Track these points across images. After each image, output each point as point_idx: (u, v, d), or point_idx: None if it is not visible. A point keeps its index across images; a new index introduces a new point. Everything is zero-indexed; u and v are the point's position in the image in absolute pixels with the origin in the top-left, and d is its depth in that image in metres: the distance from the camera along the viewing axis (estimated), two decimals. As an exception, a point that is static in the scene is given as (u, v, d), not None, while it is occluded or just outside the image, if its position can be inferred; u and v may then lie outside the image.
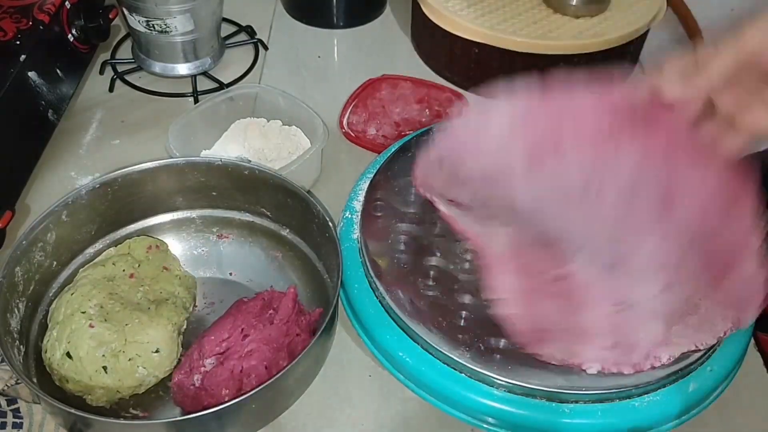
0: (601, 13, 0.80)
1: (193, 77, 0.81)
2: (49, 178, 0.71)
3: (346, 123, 0.77)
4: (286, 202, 0.60)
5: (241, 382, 0.51)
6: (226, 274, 0.63)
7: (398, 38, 0.92)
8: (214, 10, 0.79)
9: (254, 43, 0.88)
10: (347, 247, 0.60)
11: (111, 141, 0.76)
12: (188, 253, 0.64)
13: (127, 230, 0.63)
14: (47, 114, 0.72)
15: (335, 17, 0.92)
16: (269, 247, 0.64)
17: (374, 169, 0.65)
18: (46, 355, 0.53)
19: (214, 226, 0.65)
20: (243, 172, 0.61)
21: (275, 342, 0.52)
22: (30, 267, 0.55)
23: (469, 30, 0.78)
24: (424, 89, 0.81)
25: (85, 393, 0.53)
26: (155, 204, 0.63)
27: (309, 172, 0.70)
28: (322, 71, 0.87)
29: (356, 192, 0.64)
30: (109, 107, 0.80)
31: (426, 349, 0.53)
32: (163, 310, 0.56)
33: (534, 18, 0.79)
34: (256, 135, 0.70)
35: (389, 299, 0.54)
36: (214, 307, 0.61)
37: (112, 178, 0.59)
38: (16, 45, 0.67)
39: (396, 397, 0.55)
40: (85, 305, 0.54)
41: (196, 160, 0.62)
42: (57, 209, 0.56)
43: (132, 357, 0.53)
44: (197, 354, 0.53)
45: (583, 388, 0.49)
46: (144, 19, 0.76)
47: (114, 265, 0.58)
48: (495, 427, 0.52)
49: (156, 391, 0.55)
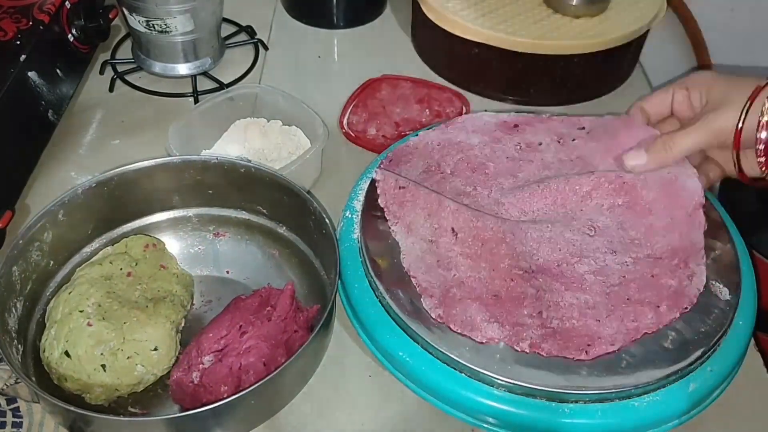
0: (601, 13, 0.80)
1: (193, 77, 0.81)
2: (49, 178, 0.71)
3: (346, 123, 0.77)
4: (282, 199, 0.60)
5: (240, 379, 0.51)
6: (223, 272, 0.63)
7: (398, 38, 0.92)
8: (214, 10, 0.79)
9: (254, 43, 0.88)
10: (347, 246, 0.60)
11: (111, 141, 0.76)
12: (185, 252, 0.64)
13: (123, 229, 0.63)
14: (47, 114, 0.72)
15: (335, 17, 0.92)
16: (266, 244, 0.64)
17: (374, 169, 0.65)
18: (45, 354, 0.53)
19: (211, 224, 0.65)
20: (239, 171, 0.61)
21: (273, 339, 0.52)
22: (27, 266, 0.55)
23: (469, 30, 0.78)
24: (424, 89, 0.81)
25: (83, 391, 0.52)
26: (152, 202, 0.63)
27: (309, 172, 0.70)
28: (322, 71, 0.87)
29: (356, 192, 0.64)
30: (109, 107, 0.80)
31: (426, 348, 0.52)
32: (161, 308, 0.56)
33: (534, 18, 0.79)
34: (256, 135, 0.70)
35: (389, 299, 0.54)
36: (212, 305, 0.61)
37: (108, 176, 0.59)
38: (16, 45, 0.67)
39: (396, 397, 0.55)
40: (83, 304, 0.54)
41: (193, 159, 0.62)
42: (53, 208, 0.56)
43: (130, 355, 0.53)
44: (195, 351, 0.52)
45: (583, 388, 0.49)
46: (144, 19, 0.76)
47: (111, 263, 0.58)
48: (495, 427, 0.51)
49: (155, 389, 0.55)
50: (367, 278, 0.57)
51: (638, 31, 0.79)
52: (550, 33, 0.77)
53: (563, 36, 0.77)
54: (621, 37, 0.77)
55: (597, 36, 0.77)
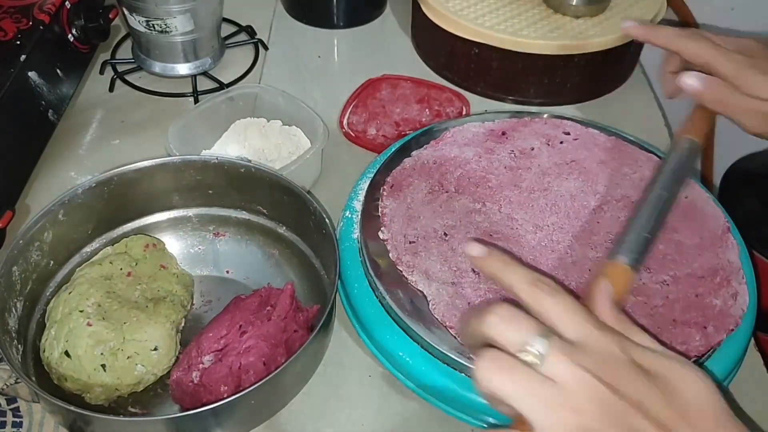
0: (601, 13, 0.80)
1: (193, 77, 0.81)
2: (49, 177, 0.71)
3: (346, 123, 0.77)
4: (282, 199, 0.60)
5: (240, 379, 0.51)
6: (223, 272, 0.63)
7: (398, 38, 0.92)
8: (214, 10, 0.79)
9: (254, 43, 0.88)
10: (347, 246, 0.60)
11: (111, 141, 0.76)
12: (185, 252, 0.64)
13: (123, 229, 0.63)
14: (47, 114, 0.72)
15: (335, 17, 0.92)
16: (266, 244, 0.64)
17: (374, 169, 0.65)
18: (45, 354, 0.53)
19: (211, 224, 0.65)
20: (239, 170, 0.61)
21: (273, 338, 0.52)
22: (27, 266, 0.55)
23: (469, 30, 0.78)
24: (424, 89, 0.81)
25: (83, 391, 0.52)
26: (152, 202, 0.63)
27: (309, 172, 0.70)
28: (322, 71, 0.87)
29: (356, 192, 0.64)
30: (109, 107, 0.80)
31: (426, 348, 0.52)
32: (161, 308, 0.56)
33: (534, 18, 0.79)
34: (256, 135, 0.70)
35: (389, 299, 0.54)
36: (212, 305, 0.61)
37: (108, 176, 0.59)
38: (16, 45, 0.67)
39: (396, 397, 0.55)
40: (83, 304, 0.54)
41: (192, 159, 0.62)
42: (53, 208, 0.56)
43: (130, 355, 0.53)
44: (195, 351, 0.52)
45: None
46: (144, 19, 0.76)
47: (111, 263, 0.58)
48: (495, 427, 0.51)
49: (155, 389, 0.55)
50: (367, 278, 0.57)
51: (638, 31, 0.79)
52: (550, 33, 0.77)
53: (563, 36, 0.77)
54: (621, 37, 0.77)
55: (597, 36, 0.77)
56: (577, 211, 0.60)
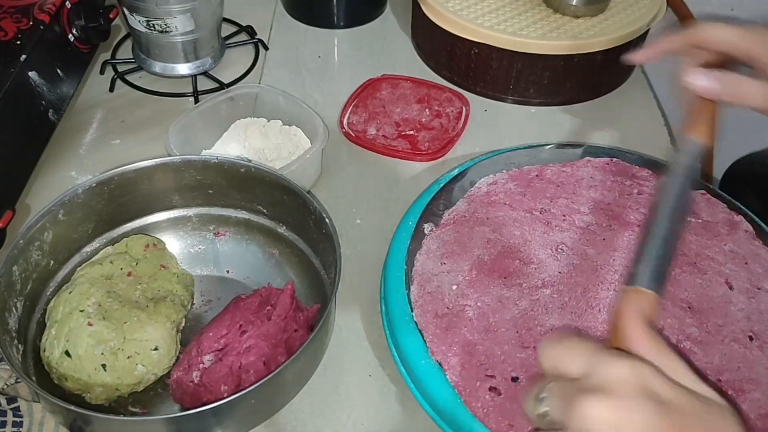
0: (601, 13, 0.80)
1: (193, 77, 0.81)
2: (49, 177, 0.71)
3: (346, 123, 0.77)
4: (282, 199, 0.60)
5: (240, 378, 0.51)
6: (223, 271, 0.63)
7: (398, 38, 0.92)
8: (214, 10, 0.80)
9: (254, 43, 0.88)
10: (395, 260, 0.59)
11: (111, 141, 0.76)
12: (185, 251, 0.64)
13: (124, 229, 0.63)
14: (47, 114, 0.72)
15: (335, 17, 0.92)
16: (266, 244, 0.64)
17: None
18: (45, 353, 0.53)
19: (211, 224, 0.65)
20: (239, 170, 0.61)
21: (273, 338, 0.52)
22: (27, 266, 0.55)
23: (469, 30, 0.78)
24: (424, 89, 0.81)
25: (84, 391, 0.53)
26: (152, 202, 0.63)
27: (309, 172, 0.70)
28: (322, 71, 0.87)
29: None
30: (109, 107, 0.80)
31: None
32: (162, 307, 0.56)
33: (534, 18, 0.79)
34: (257, 135, 0.70)
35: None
36: (212, 305, 0.61)
37: (108, 176, 0.59)
38: (16, 45, 0.67)
39: (396, 397, 0.55)
40: (84, 303, 0.54)
41: (193, 158, 0.62)
42: (54, 208, 0.56)
43: (131, 355, 0.53)
44: (196, 351, 0.53)
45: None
46: (144, 19, 0.76)
47: (112, 263, 0.58)
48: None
49: (155, 389, 0.55)
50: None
51: (638, 31, 0.79)
52: (550, 33, 0.77)
53: (563, 36, 0.77)
54: (621, 37, 0.77)
55: (597, 36, 0.77)
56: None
